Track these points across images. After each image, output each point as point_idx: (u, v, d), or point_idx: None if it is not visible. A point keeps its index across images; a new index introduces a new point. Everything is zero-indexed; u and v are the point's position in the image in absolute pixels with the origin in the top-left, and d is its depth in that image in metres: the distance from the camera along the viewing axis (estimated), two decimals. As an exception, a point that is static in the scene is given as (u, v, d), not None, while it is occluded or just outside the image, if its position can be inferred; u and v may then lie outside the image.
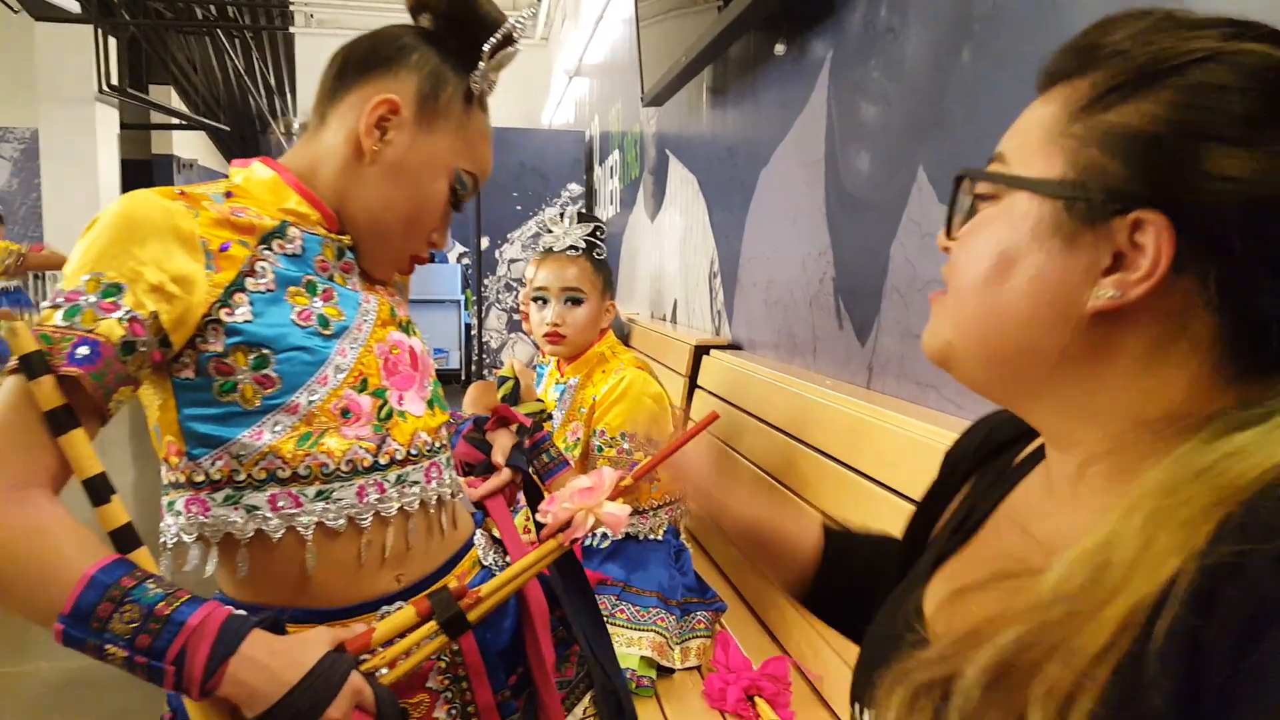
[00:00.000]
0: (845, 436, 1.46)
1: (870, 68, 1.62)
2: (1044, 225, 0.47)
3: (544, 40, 8.90)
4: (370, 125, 0.84)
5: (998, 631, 0.42)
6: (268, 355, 0.77)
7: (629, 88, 3.86)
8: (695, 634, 1.57)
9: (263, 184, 0.86)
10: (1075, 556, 0.42)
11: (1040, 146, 0.48)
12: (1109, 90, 0.45)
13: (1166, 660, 0.37)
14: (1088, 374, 0.48)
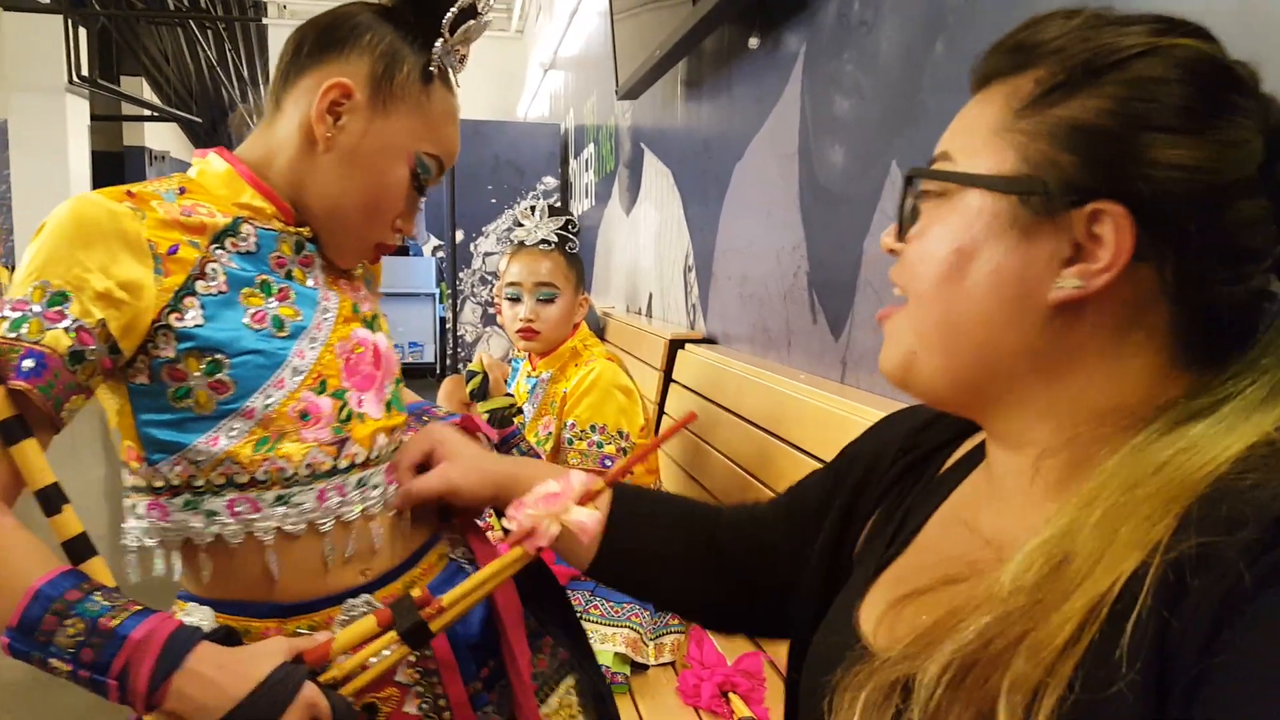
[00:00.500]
0: (820, 430, 1.46)
1: (844, 61, 1.62)
2: (1000, 220, 0.47)
3: (519, 33, 8.85)
4: (322, 111, 0.81)
5: (957, 627, 0.42)
6: (221, 360, 0.76)
7: (604, 81, 3.84)
8: (669, 630, 1.56)
9: (217, 177, 0.83)
10: (1033, 549, 0.42)
11: (987, 143, 0.48)
12: (1053, 87, 0.46)
13: (1135, 652, 0.37)
14: (1048, 368, 0.48)
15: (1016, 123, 0.47)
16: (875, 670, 0.46)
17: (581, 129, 5.00)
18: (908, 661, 0.44)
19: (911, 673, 0.43)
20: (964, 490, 0.58)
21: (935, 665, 0.42)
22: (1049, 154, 0.45)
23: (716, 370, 2.07)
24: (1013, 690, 0.39)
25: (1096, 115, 0.44)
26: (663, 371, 2.45)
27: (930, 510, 0.59)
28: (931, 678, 0.42)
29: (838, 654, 0.54)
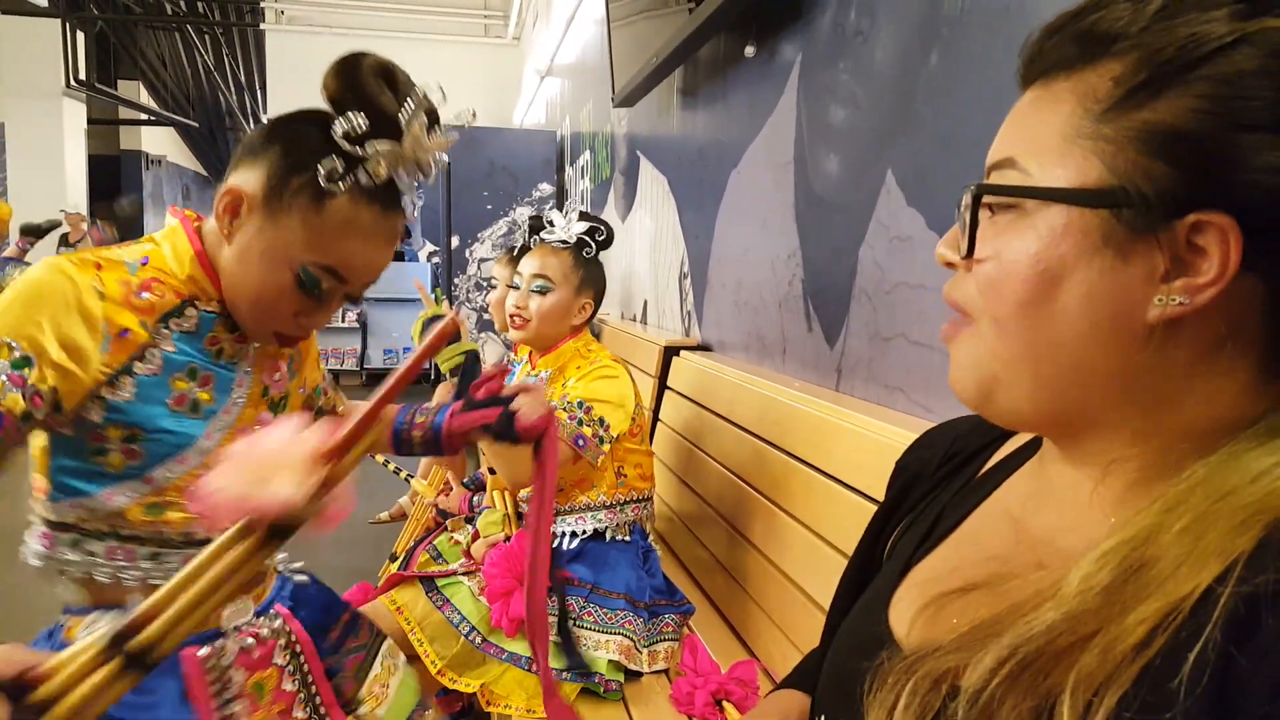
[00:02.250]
0: (814, 438, 1.46)
1: (839, 70, 1.62)
2: (1090, 238, 0.43)
3: (515, 40, 8.87)
4: (218, 211, 0.90)
5: (1018, 623, 0.42)
6: (138, 433, 0.86)
7: (600, 88, 3.85)
8: (663, 637, 1.56)
9: (178, 254, 0.92)
10: (1108, 550, 0.41)
11: (1064, 151, 0.44)
12: (1137, 86, 0.42)
13: (1194, 683, 0.36)
14: (1141, 389, 0.45)
15: (1098, 128, 0.43)
16: (925, 658, 0.45)
17: (578, 136, 5.01)
18: (960, 653, 0.43)
19: (963, 664, 0.42)
20: (1006, 492, 0.57)
21: (991, 657, 0.41)
22: (1139, 163, 0.42)
23: (711, 377, 2.07)
24: (1078, 686, 0.38)
25: (1189, 118, 0.40)
26: (657, 378, 2.45)
27: (967, 510, 0.58)
28: (986, 669, 0.41)
29: (865, 647, 0.54)
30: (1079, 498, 0.49)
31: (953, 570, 0.55)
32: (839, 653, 0.61)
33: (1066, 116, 0.45)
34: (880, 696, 0.46)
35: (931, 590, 0.54)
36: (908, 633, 0.54)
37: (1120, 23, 0.43)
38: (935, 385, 1.32)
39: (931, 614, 0.52)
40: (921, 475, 0.67)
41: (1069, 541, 0.45)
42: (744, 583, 1.66)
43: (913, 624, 0.54)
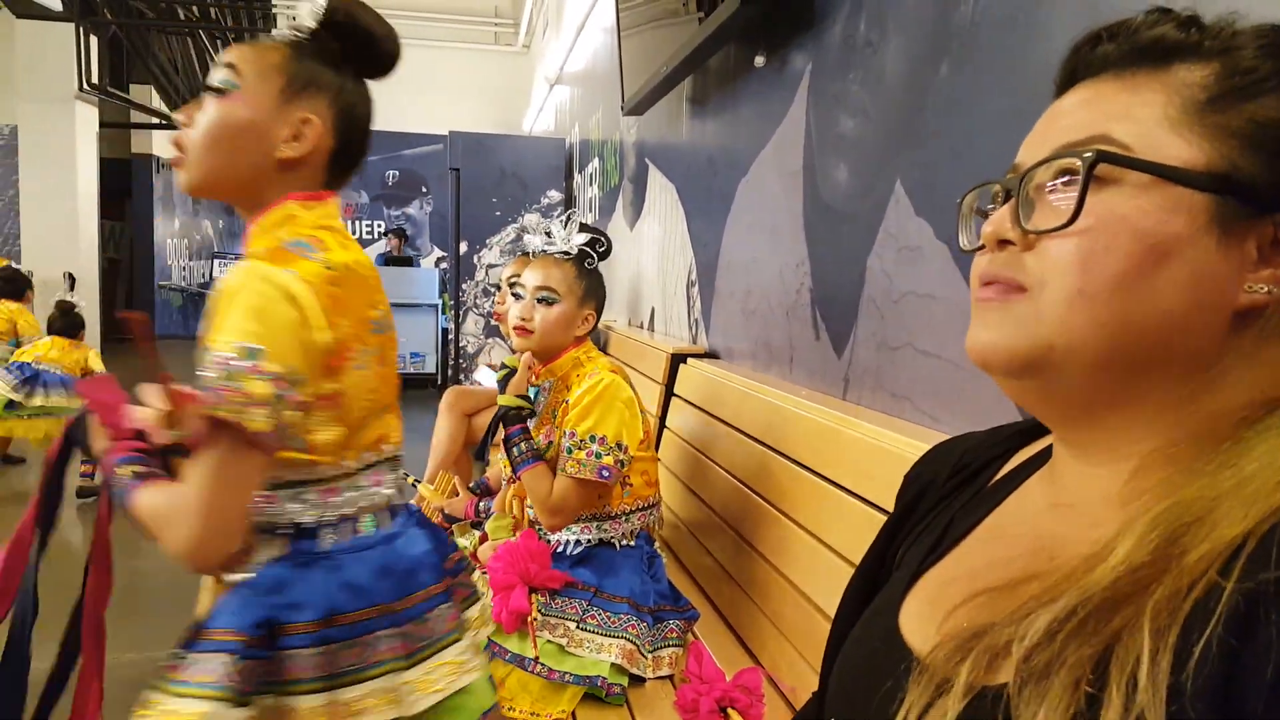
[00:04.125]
0: (820, 446, 1.47)
1: (849, 81, 1.63)
2: (1199, 219, 0.45)
3: (525, 48, 8.91)
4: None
5: (1069, 589, 0.42)
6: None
7: (610, 96, 3.86)
8: (667, 643, 1.56)
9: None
10: (1158, 514, 0.42)
11: (1171, 134, 0.46)
12: (1244, 84, 0.45)
13: (1200, 671, 0.36)
14: (1205, 372, 0.46)
15: (1204, 117, 0.45)
16: (979, 635, 0.45)
17: (586, 144, 5.03)
18: (1015, 626, 0.43)
19: (1019, 635, 0.43)
20: (1018, 499, 0.57)
21: (1048, 616, 0.41)
22: (1245, 153, 0.44)
23: (718, 384, 2.07)
24: (1157, 612, 0.38)
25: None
26: (664, 385, 2.45)
27: (978, 519, 0.59)
28: (1043, 627, 0.41)
29: (876, 652, 0.54)
30: (1096, 497, 0.50)
31: (964, 576, 0.55)
32: (851, 658, 0.61)
33: (1162, 105, 0.47)
34: (924, 682, 0.46)
35: (943, 595, 0.54)
36: (920, 637, 0.54)
37: (1208, 31, 0.47)
38: (943, 394, 1.32)
39: (944, 618, 0.51)
40: (931, 486, 0.68)
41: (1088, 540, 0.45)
42: (750, 590, 1.66)
43: (924, 628, 0.54)
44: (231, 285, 0.84)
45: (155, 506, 0.87)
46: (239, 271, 0.85)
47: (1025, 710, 0.41)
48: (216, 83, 0.94)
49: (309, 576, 0.90)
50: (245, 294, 0.83)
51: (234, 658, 0.84)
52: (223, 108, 0.93)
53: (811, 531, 1.43)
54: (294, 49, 0.97)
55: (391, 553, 0.96)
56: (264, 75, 0.94)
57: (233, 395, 0.80)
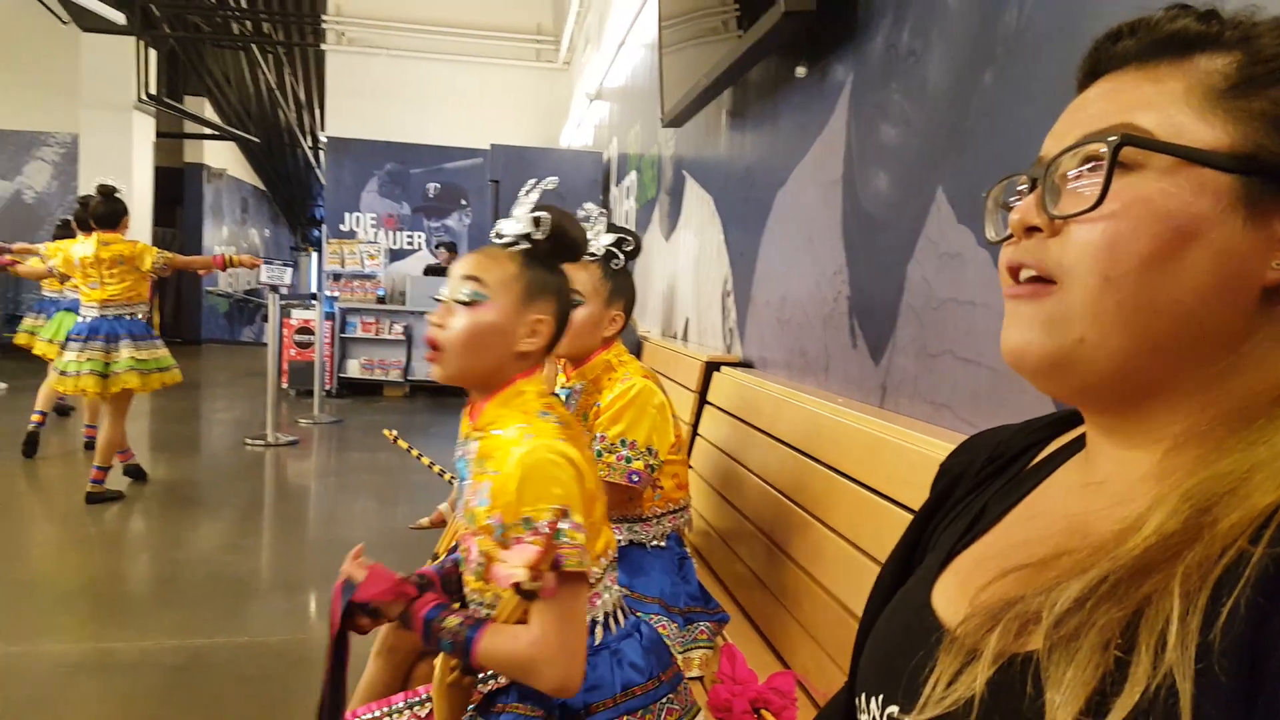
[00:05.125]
0: (858, 453, 1.46)
1: (891, 90, 1.64)
2: (1224, 199, 0.46)
3: (566, 65, 9.02)
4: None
5: (1101, 559, 0.43)
6: None
7: (648, 110, 3.91)
8: (697, 644, 1.56)
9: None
10: (1189, 488, 0.43)
11: (1195, 119, 0.47)
12: (1266, 72, 0.46)
13: (1229, 631, 0.37)
14: (1230, 349, 0.47)
15: (1228, 102, 0.46)
16: (1010, 605, 0.46)
17: (624, 157, 5.07)
18: (1046, 595, 0.44)
19: (1050, 603, 0.43)
20: (1052, 484, 0.58)
21: (1080, 584, 0.42)
22: (1269, 133, 0.46)
23: (752, 392, 2.08)
24: (1188, 574, 0.39)
25: None
26: (698, 393, 2.46)
27: (1012, 503, 0.59)
28: (1073, 595, 0.42)
29: (909, 629, 0.55)
30: (1130, 477, 0.50)
31: (997, 555, 0.56)
32: (882, 634, 0.62)
33: (1184, 93, 0.48)
34: (954, 650, 0.47)
35: (975, 573, 0.55)
36: (951, 612, 0.55)
37: (1228, 24, 0.48)
38: (983, 401, 1.32)
39: (976, 593, 0.52)
40: (965, 476, 0.68)
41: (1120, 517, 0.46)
42: (781, 596, 1.66)
43: (956, 604, 0.55)
44: (528, 460, 1.00)
45: (513, 654, 1.00)
46: (522, 447, 1.02)
47: (1054, 672, 0.41)
48: (465, 295, 1.08)
49: (597, 665, 1.09)
50: (543, 466, 1.00)
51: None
52: (474, 316, 1.08)
53: (847, 537, 1.43)
54: (524, 258, 1.11)
55: (646, 635, 1.16)
56: (506, 285, 1.10)
57: (569, 550, 0.97)
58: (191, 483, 4.64)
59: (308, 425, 6.32)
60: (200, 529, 3.77)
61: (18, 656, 2.41)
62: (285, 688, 2.31)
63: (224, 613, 2.80)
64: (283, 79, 10.88)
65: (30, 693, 2.21)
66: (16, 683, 2.26)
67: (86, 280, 4.05)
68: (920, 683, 0.49)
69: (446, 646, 1.02)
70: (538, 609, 0.99)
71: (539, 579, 0.96)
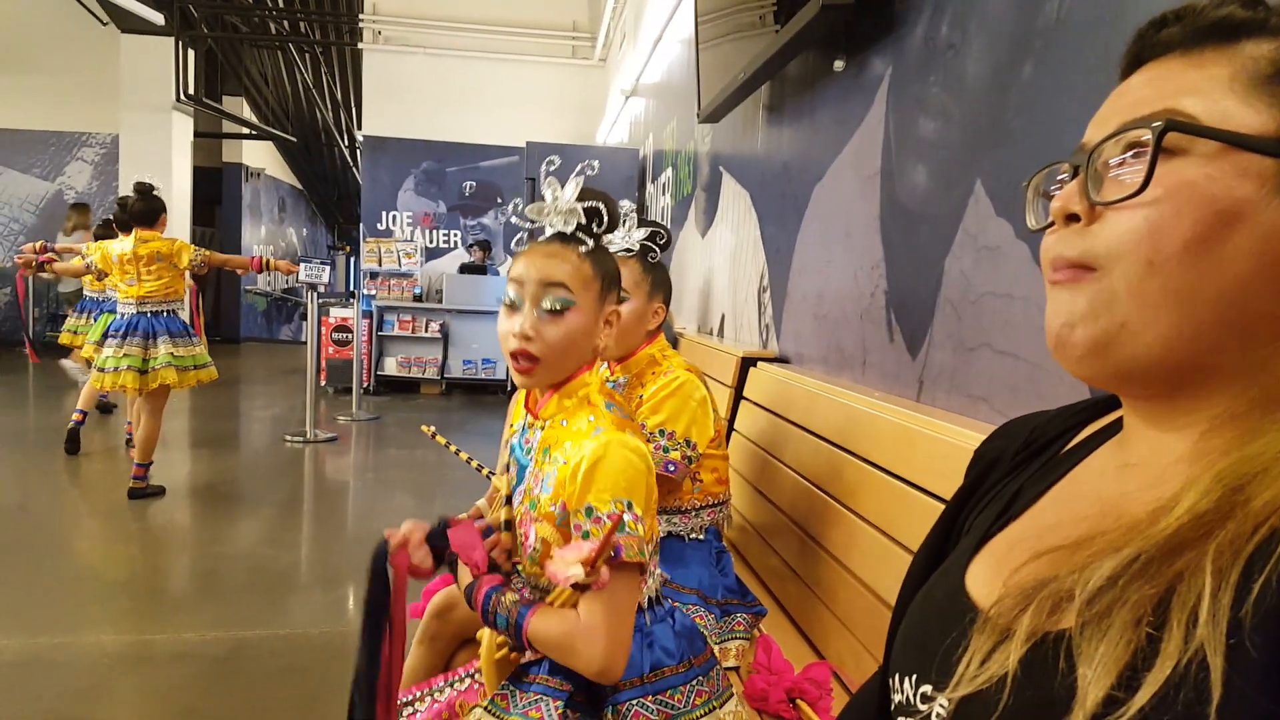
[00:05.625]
0: (894, 445, 1.47)
1: (930, 84, 1.64)
2: (1269, 183, 0.46)
3: (602, 62, 9.04)
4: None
5: (1134, 538, 0.44)
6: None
7: (684, 107, 3.91)
8: (734, 635, 1.57)
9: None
10: (1222, 470, 0.43)
11: (1240, 105, 0.47)
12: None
13: (1260, 606, 0.37)
14: (1273, 339, 0.47)
15: (1272, 86, 0.47)
16: (1044, 584, 0.46)
17: (660, 154, 5.08)
18: (1079, 574, 0.45)
19: (1084, 581, 0.44)
20: (1088, 467, 0.58)
21: (1113, 563, 0.43)
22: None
23: (788, 387, 2.08)
24: (1220, 553, 0.39)
25: None
26: (734, 389, 2.47)
27: (1047, 486, 0.60)
28: (1107, 573, 0.43)
29: (943, 610, 0.56)
30: (1166, 459, 0.50)
31: (1032, 538, 0.56)
32: (916, 616, 0.62)
33: (1229, 79, 0.48)
34: (987, 630, 0.48)
35: (1009, 555, 0.55)
36: (985, 593, 0.55)
37: (1260, 10, 0.49)
38: (1021, 394, 1.32)
39: (1010, 574, 0.52)
40: (1000, 461, 0.68)
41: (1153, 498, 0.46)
42: (816, 588, 1.66)
43: (990, 586, 0.55)
44: (600, 452, 1.03)
45: (561, 636, 1.02)
46: (597, 440, 1.05)
47: (1086, 648, 0.42)
48: (557, 304, 1.09)
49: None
50: (614, 459, 1.03)
51: (560, 704, 1.05)
52: (569, 322, 1.10)
53: (881, 528, 1.43)
54: (592, 255, 1.13)
55: (679, 621, 1.18)
56: (587, 286, 1.11)
57: (629, 540, 1.00)
58: (232, 479, 4.72)
59: (346, 422, 6.41)
60: (240, 524, 3.85)
61: (62, 648, 2.48)
62: (325, 679, 2.36)
63: (264, 606, 2.87)
64: (320, 78, 11.02)
65: (74, 683, 2.27)
66: (61, 673, 2.33)
67: (124, 277, 4.12)
68: (954, 662, 0.50)
69: (501, 622, 1.05)
70: (590, 595, 1.02)
71: (593, 574, 0.98)
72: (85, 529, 3.77)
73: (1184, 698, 0.38)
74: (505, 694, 1.09)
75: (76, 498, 3.99)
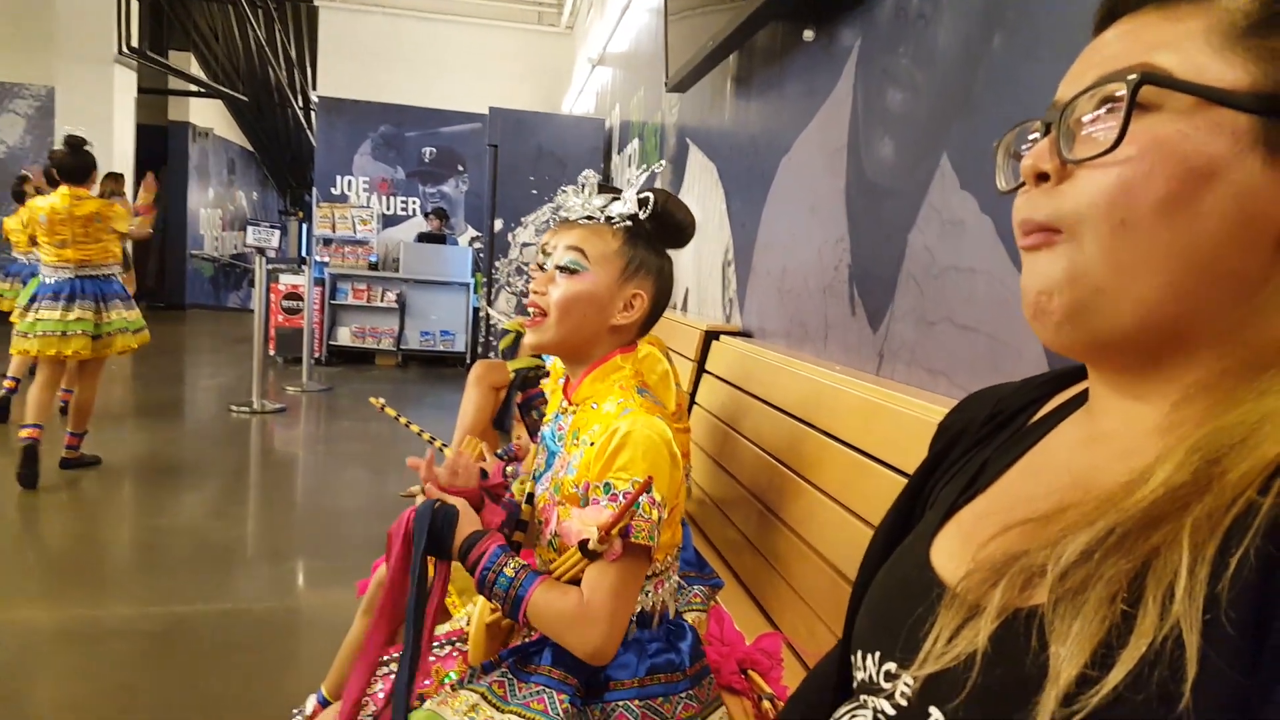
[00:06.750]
0: (854, 418, 1.47)
1: (899, 54, 1.62)
2: (1243, 140, 0.44)
3: (569, 30, 8.90)
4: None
5: (1108, 511, 0.42)
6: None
7: (652, 77, 3.86)
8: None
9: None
10: (1189, 447, 0.42)
11: (1214, 59, 0.46)
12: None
13: (1237, 581, 0.37)
14: (1248, 301, 0.46)
15: (1248, 39, 0.45)
16: (1014, 559, 0.45)
17: (626, 124, 5.03)
18: (1051, 549, 0.44)
19: (1056, 556, 0.43)
20: (1055, 439, 0.57)
21: (1086, 537, 0.42)
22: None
23: (750, 360, 2.07)
24: (1197, 528, 0.38)
25: None
26: (696, 362, 2.46)
27: (1013, 458, 0.59)
28: (1080, 547, 0.42)
29: (907, 584, 0.54)
30: (1137, 430, 0.49)
31: (1000, 511, 0.55)
32: (879, 592, 0.61)
33: (1204, 32, 0.46)
34: (955, 606, 0.47)
35: (976, 530, 0.54)
36: (951, 569, 0.54)
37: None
38: (980, 369, 1.32)
39: (977, 549, 0.51)
40: (965, 433, 0.67)
41: (1126, 470, 0.45)
42: (773, 560, 1.67)
43: (957, 561, 0.54)
44: (626, 432, 1.03)
45: (561, 610, 1.02)
46: (626, 419, 1.05)
47: (1059, 625, 0.41)
48: (568, 263, 1.14)
49: (628, 648, 1.11)
50: (639, 441, 1.03)
51: (565, 697, 1.04)
52: (574, 284, 1.13)
53: (839, 500, 1.43)
54: (627, 235, 1.16)
55: (685, 628, 1.18)
56: (607, 259, 1.15)
57: (641, 523, 1.00)
58: (174, 450, 4.60)
59: (296, 393, 6.29)
60: (182, 496, 3.74)
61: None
62: (269, 655, 2.32)
63: (207, 580, 2.79)
64: (273, 35, 10.68)
65: (2, 660, 2.19)
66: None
67: (53, 238, 3.83)
68: (920, 638, 0.49)
69: (503, 583, 1.04)
70: (594, 571, 1.02)
71: (606, 542, 0.98)
72: (14, 499, 3.59)
73: (1159, 675, 0.37)
74: (503, 682, 1.07)
75: (6, 466, 3.82)
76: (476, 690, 1.07)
